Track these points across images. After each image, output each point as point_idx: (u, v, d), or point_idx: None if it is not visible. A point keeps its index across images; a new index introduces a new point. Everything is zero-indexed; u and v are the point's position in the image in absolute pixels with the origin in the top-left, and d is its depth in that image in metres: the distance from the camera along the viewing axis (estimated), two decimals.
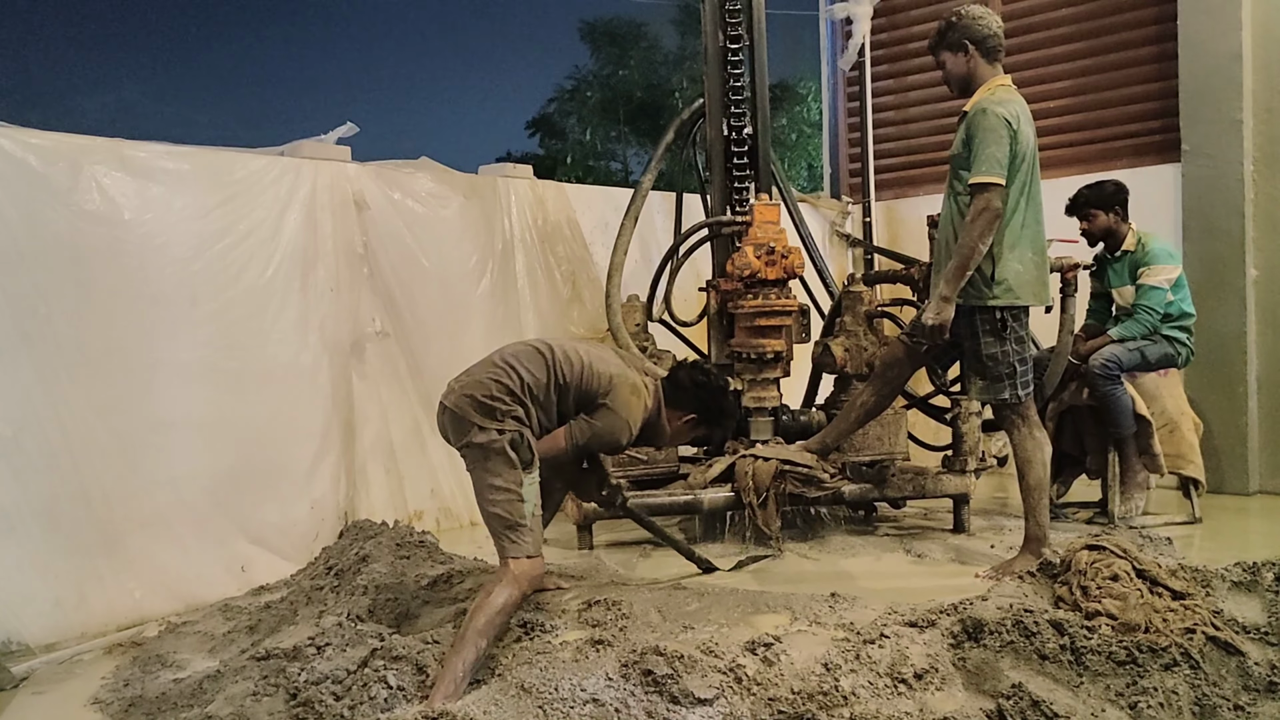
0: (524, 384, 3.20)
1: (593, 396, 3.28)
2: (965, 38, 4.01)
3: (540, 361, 3.25)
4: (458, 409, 3.17)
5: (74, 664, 3.53)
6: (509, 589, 3.01)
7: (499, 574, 3.06)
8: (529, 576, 3.07)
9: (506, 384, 3.18)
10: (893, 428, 4.95)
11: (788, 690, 2.71)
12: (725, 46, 5.14)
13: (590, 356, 3.34)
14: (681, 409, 3.50)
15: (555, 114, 21.80)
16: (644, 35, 21.22)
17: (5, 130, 3.75)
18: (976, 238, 3.80)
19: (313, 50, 51.18)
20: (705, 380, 3.52)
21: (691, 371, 3.57)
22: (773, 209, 4.95)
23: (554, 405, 3.27)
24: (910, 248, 6.37)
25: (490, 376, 3.20)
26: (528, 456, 3.13)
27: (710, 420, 3.56)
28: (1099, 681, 2.70)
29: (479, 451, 3.12)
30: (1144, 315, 4.91)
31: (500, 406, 3.14)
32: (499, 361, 3.26)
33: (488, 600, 2.97)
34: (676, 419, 3.50)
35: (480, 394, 3.15)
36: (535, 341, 3.39)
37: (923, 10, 7.28)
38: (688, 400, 3.49)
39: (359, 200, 4.96)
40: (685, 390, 3.49)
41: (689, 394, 3.49)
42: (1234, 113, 5.73)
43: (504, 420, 3.13)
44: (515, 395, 3.17)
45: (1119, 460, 4.94)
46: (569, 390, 3.27)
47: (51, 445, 3.74)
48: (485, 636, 2.94)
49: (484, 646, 2.94)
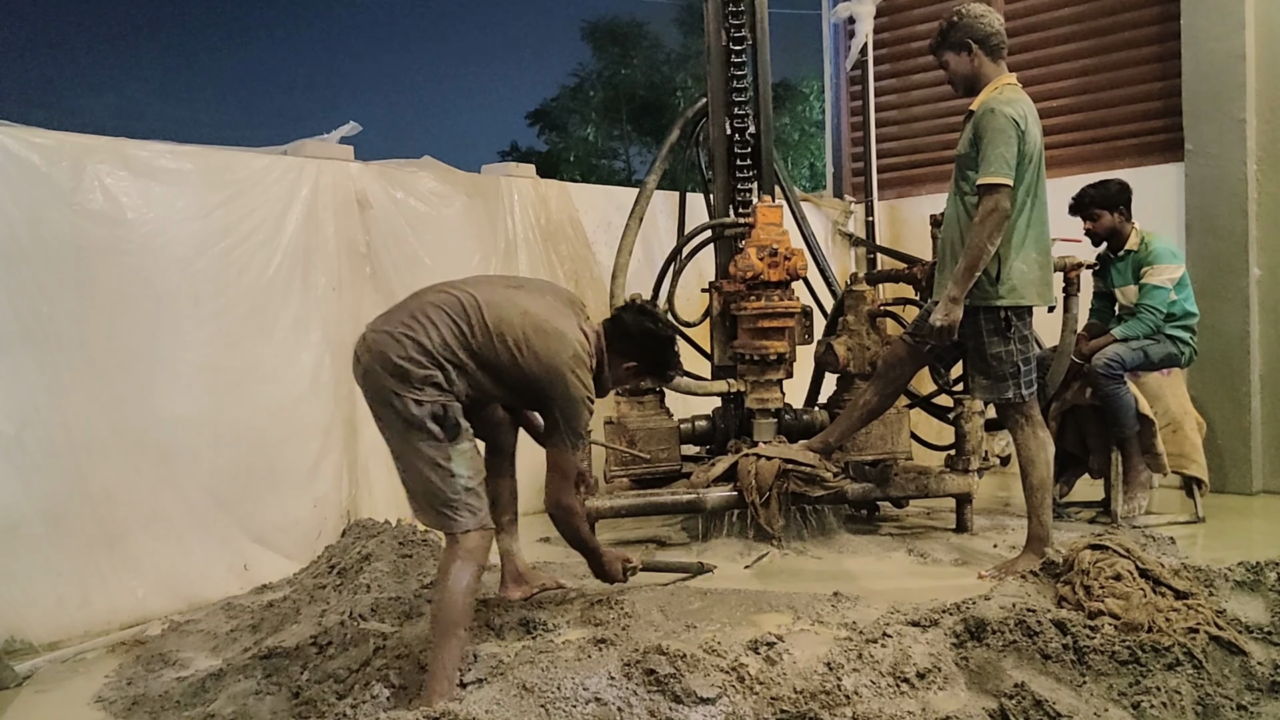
0: (444, 343, 2.95)
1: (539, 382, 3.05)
2: (968, 37, 4.01)
3: (462, 320, 3.00)
4: (371, 371, 2.94)
5: (77, 662, 3.53)
6: (462, 571, 2.86)
7: (447, 555, 2.91)
8: (480, 548, 2.91)
9: (422, 343, 2.93)
10: (895, 427, 4.95)
11: (790, 689, 2.71)
12: (728, 45, 5.14)
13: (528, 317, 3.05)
14: (624, 356, 3.31)
15: (558, 113, 21.81)
16: (646, 34, 21.25)
17: (8, 129, 3.75)
18: (985, 238, 3.80)
19: (316, 50, 51.24)
20: (652, 329, 3.33)
21: (639, 317, 3.35)
22: (775, 211, 4.95)
23: (476, 371, 3.01)
24: (913, 247, 6.38)
25: (404, 332, 2.94)
26: (454, 431, 2.92)
27: (652, 370, 3.40)
28: (1102, 681, 2.69)
29: (397, 420, 2.91)
30: (1147, 315, 4.90)
31: (416, 371, 2.89)
32: (416, 315, 2.99)
33: (447, 587, 2.85)
34: (618, 365, 3.31)
35: (395, 355, 2.91)
36: (459, 292, 3.08)
37: (925, 9, 7.27)
38: (632, 348, 3.31)
39: (361, 199, 4.96)
40: (631, 338, 3.30)
41: (634, 342, 3.30)
42: (1237, 112, 5.72)
43: (422, 389, 2.89)
44: (431, 357, 2.92)
45: (1122, 460, 4.94)
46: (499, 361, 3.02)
47: (54, 443, 3.75)
48: (460, 624, 2.84)
49: (462, 634, 2.85)
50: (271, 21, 50.80)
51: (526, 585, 3.70)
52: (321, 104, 44.35)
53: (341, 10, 51.46)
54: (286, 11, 50.00)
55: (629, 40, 21.10)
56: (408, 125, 47.26)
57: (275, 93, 48.88)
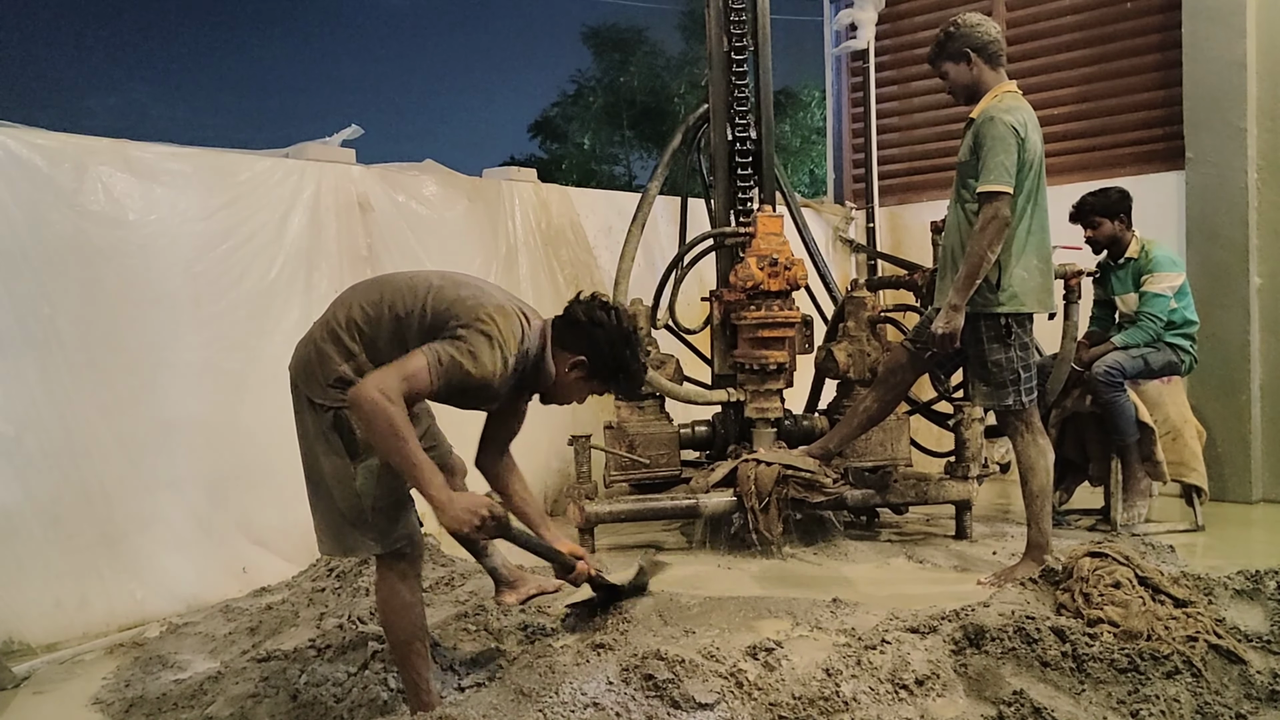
0: (349, 319, 2.65)
1: (443, 323, 2.60)
2: (966, 46, 4.01)
3: (375, 293, 2.70)
4: (290, 372, 2.72)
5: (75, 664, 3.53)
6: (389, 591, 2.70)
7: (377, 575, 2.74)
8: (400, 570, 2.68)
9: (333, 328, 2.64)
10: (895, 433, 4.95)
11: (788, 695, 2.71)
12: (730, 52, 5.15)
13: (445, 277, 2.74)
14: (570, 350, 2.78)
15: (558, 118, 21.83)
16: (646, 40, 21.26)
17: (11, 130, 3.76)
18: (986, 246, 3.80)
19: (319, 53, 51.32)
20: (603, 319, 2.78)
21: (589, 307, 2.81)
22: (776, 220, 4.95)
23: (393, 342, 2.62)
24: (914, 253, 6.38)
25: (320, 328, 2.69)
26: (353, 443, 2.59)
27: (601, 371, 2.80)
28: (1101, 689, 2.69)
29: (304, 429, 2.67)
30: (1147, 322, 4.91)
31: (324, 370, 2.61)
32: (334, 306, 2.75)
33: (384, 613, 2.73)
34: (563, 363, 2.79)
35: (307, 357, 2.66)
36: (381, 277, 2.85)
37: (926, 17, 7.30)
38: (578, 340, 2.78)
39: (363, 202, 4.96)
40: (576, 327, 2.78)
41: (580, 332, 2.78)
42: (1238, 120, 5.73)
43: (331, 390, 2.59)
44: (343, 345, 2.62)
45: (1121, 467, 4.94)
46: (411, 317, 2.62)
47: (54, 445, 3.75)
48: (412, 639, 2.71)
49: (419, 647, 2.73)
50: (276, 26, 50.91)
51: (520, 588, 3.67)
52: (324, 107, 44.44)
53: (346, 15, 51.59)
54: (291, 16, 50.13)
55: (629, 46, 21.11)
56: (409, 129, 47.35)
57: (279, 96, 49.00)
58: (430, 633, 3.19)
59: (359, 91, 48.20)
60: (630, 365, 2.84)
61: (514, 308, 2.71)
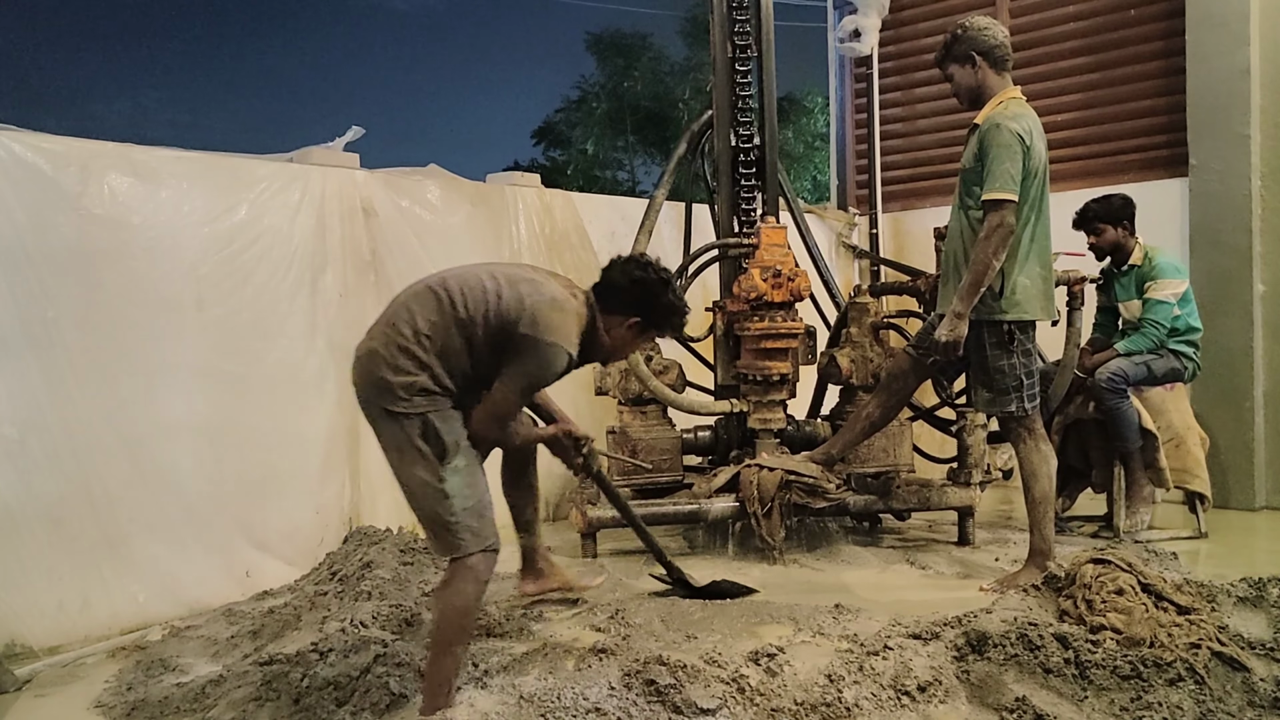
0: (418, 334, 2.79)
1: (510, 328, 2.81)
2: (972, 49, 4.00)
3: (433, 301, 2.83)
4: (358, 387, 2.85)
5: (77, 667, 3.53)
6: (464, 587, 2.78)
7: (450, 570, 2.82)
8: (479, 570, 2.79)
9: (401, 343, 2.79)
10: (898, 439, 4.95)
11: (791, 701, 2.71)
12: (733, 58, 5.16)
13: (498, 277, 2.89)
14: (621, 313, 3.02)
15: (562, 123, 21.87)
16: (649, 46, 21.30)
17: (16, 134, 3.77)
18: (990, 254, 3.80)
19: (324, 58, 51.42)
20: (643, 275, 3.03)
21: (626, 266, 3.06)
22: (779, 231, 4.95)
23: (464, 349, 2.83)
24: (917, 259, 6.38)
25: (385, 341, 2.81)
26: (438, 448, 2.77)
27: (656, 321, 3.08)
28: (1103, 696, 2.69)
29: (393, 451, 2.81)
30: (1150, 329, 4.90)
31: (400, 380, 2.76)
32: (392, 318, 2.86)
33: (446, 605, 2.80)
34: (617, 326, 3.03)
35: (381, 371, 2.79)
36: (428, 278, 2.95)
37: (930, 23, 7.30)
38: (627, 301, 3.02)
39: (367, 207, 4.97)
40: (622, 290, 3.02)
41: (627, 293, 3.02)
42: (1241, 128, 5.74)
43: (411, 399, 2.76)
44: (412, 355, 2.78)
45: (1124, 474, 4.93)
46: (475, 324, 2.82)
47: (57, 448, 3.75)
48: (456, 642, 2.80)
49: (459, 652, 2.82)
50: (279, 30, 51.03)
51: (543, 580, 3.73)
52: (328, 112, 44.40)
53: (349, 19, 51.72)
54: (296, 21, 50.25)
55: (633, 52, 21.15)
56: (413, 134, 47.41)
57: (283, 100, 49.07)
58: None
59: (363, 96, 48.27)
60: (678, 306, 3.12)
61: (566, 297, 2.93)
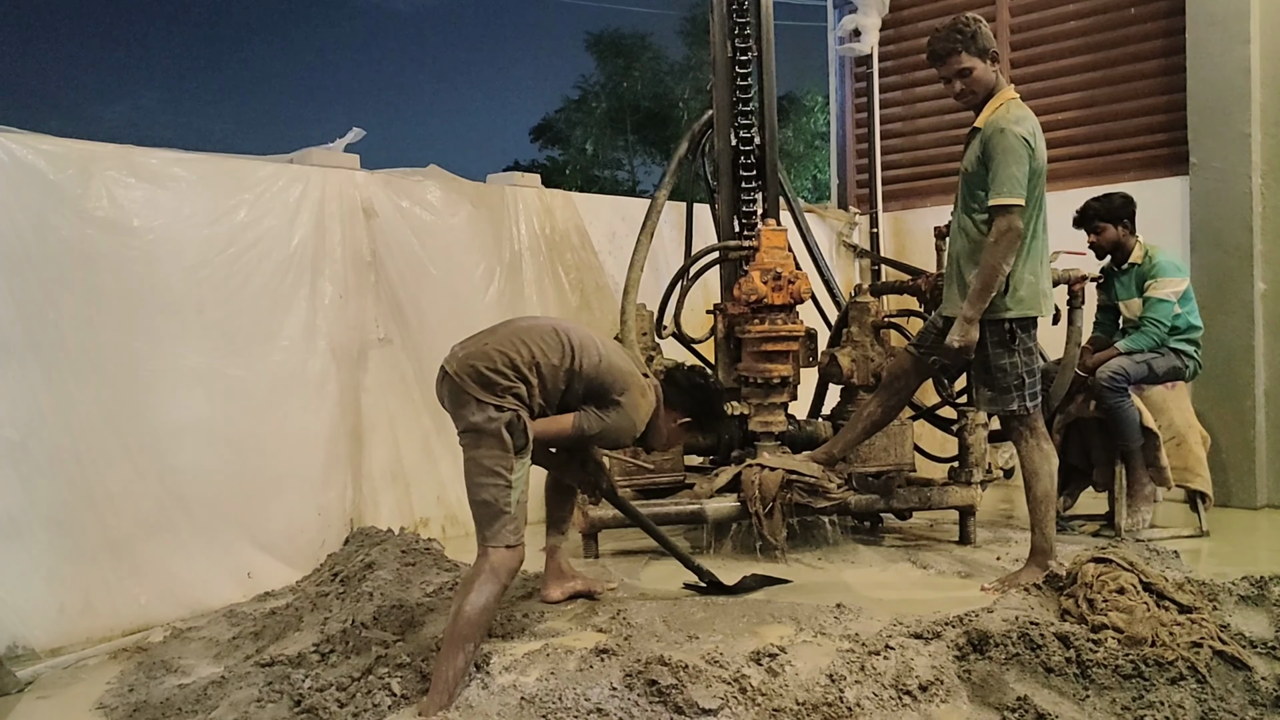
0: (533, 360, 3.16)
1: (606, 391, 3.28)
2: (988, 45, 3.93)
3: (556, 344, 3.23)
4: (458, 378, 3.11)
5: (79, 669, 3.53)
6: (488, 585, 2.95)
7: (477, 565, 3.00)
8: (507, 568, 3.00)
9: (513, 358, 3.13)
10: (899, 439, 4.94)
11: (792, 701, 2.71)
12: (733, 58, 5.15)
13: (606, 350, 3.35)
14: (677, 411, 3.56)
15: (562, 123, 21.89)
16: (649, 46, 21.32)
17: (16, 136, 3.77)
18: (1000, 259, 3.79)
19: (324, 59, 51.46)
20: (703, 384, 3.62)
21: (690, 374, 3.66)
22: (780, 234, 4.94)
23: (560, 390, 3.24)
24: (917, 259, 6.38)
25: (497, 348, 3.15)
26: (521, 441, 3.08)
27: (704, 424, 3.67)
28: (1105, 695, 2.69)
29: (473, 433, 3.07)
30: (1151, 328, 4.90)
31: (501, 382, 3.09)
32: (510, 335, 3.21)
33: (469, 599, 2.92)
34: (671, 420, 3.56)
35: (484, 365, 3.10)
36: (554, 322, 3.40)
37: (930, 23, 7.28)
38: (685, 402, 3.56)
39: (367, 208, 4.97)
40: (684, 392, 3.57)
41: (687, 396, 3.57)
42: (1242, 126, 5.73)
43: (503, 397, 3.08)
44: (519, 371, 3.13)
45: (1126, 473, 4.93)
46: (581, 379, 3.25)
47: (58, 450, 3.75)
48: (471, 639, 2.90)
49: (471, 650, 2.90)
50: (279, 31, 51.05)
51: (568, 584, 3.80)
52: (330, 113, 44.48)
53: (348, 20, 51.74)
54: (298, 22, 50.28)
55: (633, 52, 21.16)
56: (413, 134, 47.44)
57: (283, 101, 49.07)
58: (437, 638, 3.21)
59: (363, 97, 48.28)
60: (724, 415, 3.91)
61: (649, 387, 3.45)
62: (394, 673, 2.97)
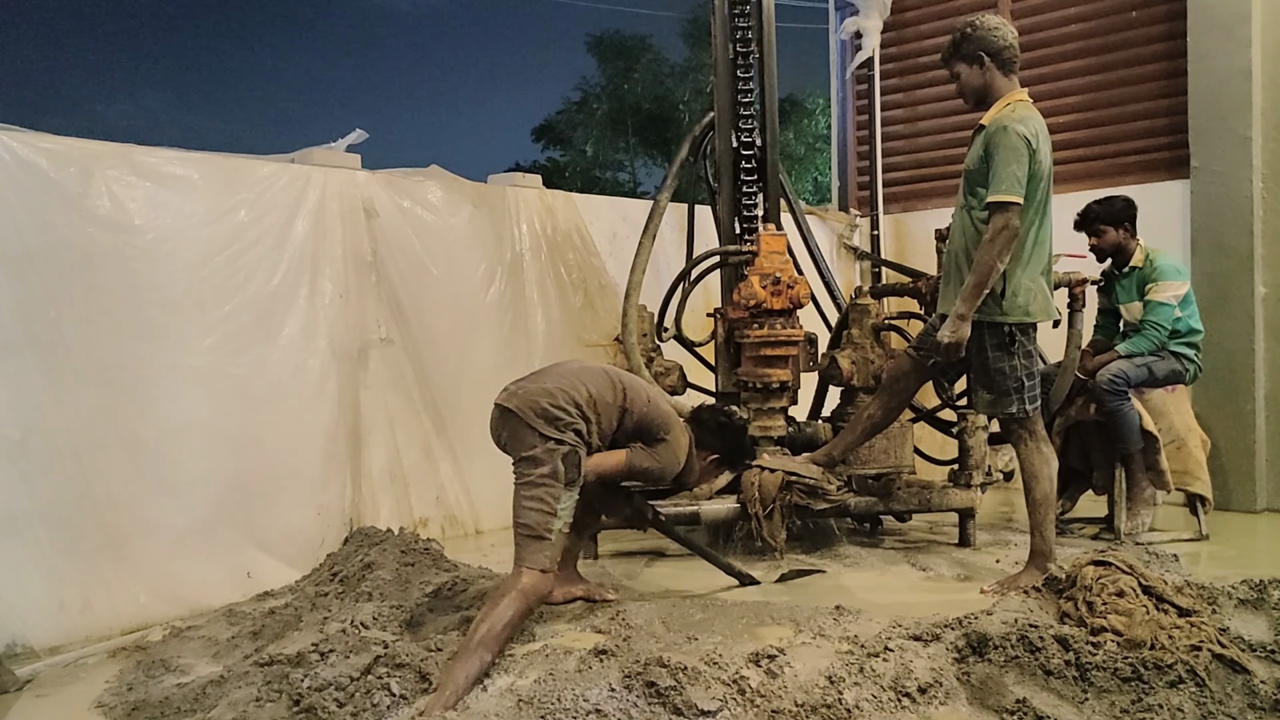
0: (592, 399, 3.33)
1: (654, 430, 3.49)
2: (980, 49, 3.98)
3: (609, 384, 3.43)
4: (520, 412, 3.24)
5: (78, 667, 3.53)
6: (516, 603, 3.04)
7: (509, 582, 3.10)
8: (537, 592, 3.11)
9: (574, 397, 3.30)
10: (899, 441, 4.94)
11: (791, 703, 2.71)
12: (735, 60, 5.15)
13: (651, 392, 3.60)
14: (706, 449, 3.73)
15: (563, 124, 21.91)
16: (650, 48, 21.34)
17: (17, 135, 3.77)
18: (995, 256, 3.80)
19: (325, 59, 51.53)
20: (728, 422, 3.78)
21: (714, 414, 3.82)
22: (779, 239, 4.94)
23: (613, 429, 3.43)
24: (918, 261, 6.38)
25: (559, 386, 3.31)
26: (574, 475, 3.21)
27: (732, 461, 3.88)
28: (1104, 698, 2.69)
29: (530, 461, 3.21)
30: (1151, 331, 4.90)
31: (564, 417, 3.24)
32: (568, 375, 3.40)
33: (494, 612, 3.00)
34: (702, 459, 3.74)
35: (547, 402, 3.25)
36: (603, 365, 3.63)
37: (933, 25, 7.30)
38: (713, 441, 3.74)
39: (368, 208, 4.97)
40: (711, 432, 3.74)
41: (714, 435, 3.74)
42: (1243, 130, 5.73)
43: (564, 432, 3.23)
44: (580, 409, 3.30)
45: (1125, 476, 4.93)
46: (633, 417, 3.45)
47: (58, 449, 3.75)
48: (489, 649, 2.96)
49: (488, 659, 2.95)
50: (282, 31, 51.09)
51: (572, 586, 3.81)
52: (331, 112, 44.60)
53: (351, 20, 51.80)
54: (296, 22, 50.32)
55: (634, 53, 21.18)
56: (414, 135, 47.49)
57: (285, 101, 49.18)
58: (436, 638, 3.22)
59: (365, 97, 48.37)
60: (750, 452, 4.14)
61: (685, 429, 3.65)
62: (393, 673, 2.97)
